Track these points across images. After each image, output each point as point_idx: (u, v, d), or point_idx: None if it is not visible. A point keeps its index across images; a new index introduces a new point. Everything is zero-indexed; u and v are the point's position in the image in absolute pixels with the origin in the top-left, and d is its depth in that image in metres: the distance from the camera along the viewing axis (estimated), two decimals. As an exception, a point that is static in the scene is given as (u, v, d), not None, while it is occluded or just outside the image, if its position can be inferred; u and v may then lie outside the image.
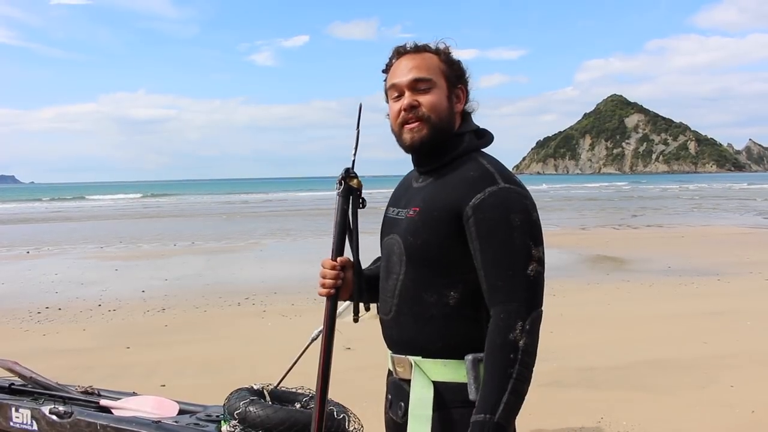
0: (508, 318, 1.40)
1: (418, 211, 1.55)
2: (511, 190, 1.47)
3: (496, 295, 1.44)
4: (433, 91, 1.58)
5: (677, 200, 38.75)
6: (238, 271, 11.52)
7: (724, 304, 7.79)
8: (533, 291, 1.43)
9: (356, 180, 1.67)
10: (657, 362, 5.40)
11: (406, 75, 1.59)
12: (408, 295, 1.55)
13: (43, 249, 15.68)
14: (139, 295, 9.09)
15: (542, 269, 1.46)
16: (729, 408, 4.35)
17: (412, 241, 1.54)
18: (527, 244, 1.44)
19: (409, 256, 1.55)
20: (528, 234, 1.44)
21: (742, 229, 18.90)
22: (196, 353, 5.96)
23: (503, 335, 1.40)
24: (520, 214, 1.45)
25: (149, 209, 37.06)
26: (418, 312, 1.54)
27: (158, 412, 2.55)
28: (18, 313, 7.96)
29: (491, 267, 1.44)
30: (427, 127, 1.57)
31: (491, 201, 1.46)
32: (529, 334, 1.40)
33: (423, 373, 1.53)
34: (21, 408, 2.58)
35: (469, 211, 1.46)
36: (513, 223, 1.44)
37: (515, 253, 1.43)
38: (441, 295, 1.51)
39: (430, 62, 1.60)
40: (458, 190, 1.50)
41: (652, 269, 10.81)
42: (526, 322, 1.40)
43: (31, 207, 43.28)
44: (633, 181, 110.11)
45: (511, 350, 1.39)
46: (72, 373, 4.78)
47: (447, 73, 1.61)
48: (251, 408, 2.24)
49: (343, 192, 1.66)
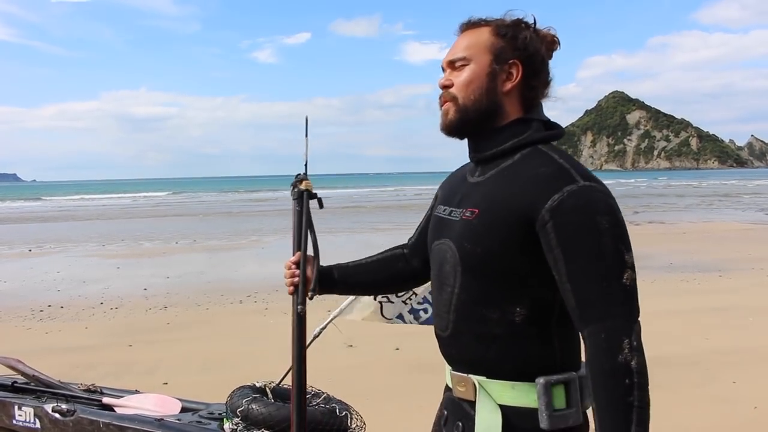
0: (612, 338, 1.22)
1: (477, 214, 1.36)
2: (593, 188, 1.28)
3: (590, 312, 1.24)
4: (466, 68, 1.41)
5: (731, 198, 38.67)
6: (240, 268, 11.53)
7: (726, 300, 7.79)
8: (632, 302, 1.25)
9: (306, 182, 1.72)
10: (659, 358, 5.39)
11: (446, 56, 1.46)
12: (466, 311, 1.38)
13: (45, 247, 15.70)
14: (141, 293, 9.11)
15: (635, 276, 1.27)
16: (731, 404, 4.36)
17: (470, 249, 1.35)
18: (619, 250, 1.24)
19: (465, 266, 1.36)
20: (619, 238, 1.25)
21: (745, 225, 18.88)
22: (198, 351, 5.97)
23: (611, 359, 1.21)
24: (608, 215, 1.26)
25: (150, 207, 37.08)
26: (480, 331, 1.36)
27: (160, 410, 2.55)
28: (20, 311, 7.98)
29: (580, 279, 1.24)
30: (454, 108, 1.41)
31: (573, 202, 1.25)
32: (638, 351, 1.23)
33: (488, 395, 1.36)
34: (24, 406, 2.58)
35: (546, 215, 1.26)
36: (601, 226, 1.24)
37: (607, 261, 1.23)
38: (505, 312, 1.33)
39: (477, 38, 1.42)
40: (528, 189, 1.30)
41: (654, 265, 10.80)
42: (632, 338, 1.22)
43: (32, 205, 43.34)
44: (652, 177, 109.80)
45: (626, 374, 1.21)
46: (74, 371, 4.79)
47: (496, 47, 1.40)
48: (254, 406, 2.25)
49: (296, 195, 1.71)
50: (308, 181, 1.73)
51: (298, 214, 1.71)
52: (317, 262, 1.70)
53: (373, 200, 37.73)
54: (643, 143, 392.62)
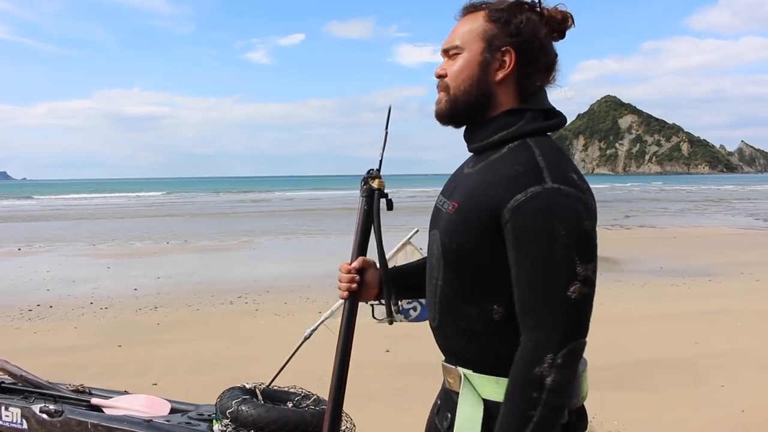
0: (537, 349, 1.18)
1: (457, 208, 1.33)
2: (560, 191, 1.21)
3: (527, 319, 1.21)
4: (459, 57, 1.37)
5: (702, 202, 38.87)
6: (230, 269, 11.50)
7: (716, 304, 7.82)
8: (573, 317, 1.18)
9: (378, 180, 1.54)
10: (649, 362, 5.42)
11: (444, 43, 1.42)
12: (449, 304, 1.36)
13: (34, 246, 15.60)
14: (132, 293, 9.06)
15: (589, 291, 1.20)
16: (719, 407, 4.38)
17: (448, 244, 1.33)
18: (571, 260, 1.18)
19: (446, 260, 1.35)
20: (573, 247, 1.19)
21: (734, 229, 19.00)
22: (188, 352, 5.94)
23: (528, 368, 1.18)
24: (567, 221, 1.19)
25: (143, 207, 36.94)
26: (462, 325, 1.35)
27: (150, 411, 2.54)
28: (9, 310, 7.92)
29: (524, 284, 1.22)
30: (446, 98, 1.39)
31: (533, 204, 1.20)
32: (561, 370, 1.16)
33: (473, 388, 1.33)
34: (11, 407, 2.57)
35: (507, 215, 1.23)
36: (556, 232, 1.18)
37: (554, 270, 1.18)
38: (483, 309, 1.31)
39: (471, 24, 1.37)
40: (500, 186, 1.26)
41: (644, 269, 10.85)
42: (558, 355, 1.16)
43: (22, 203, 43.07)
44: (647, 182, 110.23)
45: (535, 388, 1.16)
46: (63, 372, 4.76)
47: (488, 33, 1.35)
48: (243, 407, 2.24)
49: (366, 192, 1.54)
50: (381, 179, 1.56)
51: (365, 213, 1.54)
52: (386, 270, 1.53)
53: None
54: (635, 147, 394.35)
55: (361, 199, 1.54)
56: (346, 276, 1.53)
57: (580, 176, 1.27)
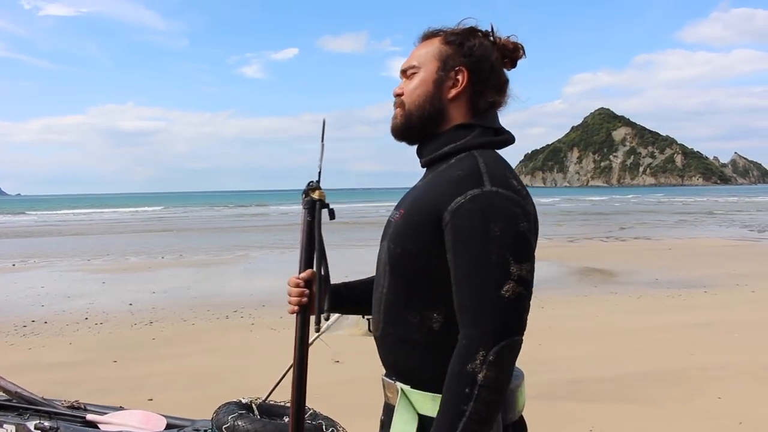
0: (470, 345, 1.21)
1: (402, 214, 1.38)
2: (497, 194, 1.26)
3: (463, 317, 1.25)
4: (415, 76, 1.44)
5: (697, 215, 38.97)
6: (226, 283, 11.47)
7: (711, 316, 7.84)
8: (506, 316, 1.22)
9: (319, 191, 1.57)
10: (645, 374, 5.42)
11: (402, 65, 1.49)
12: (393, 312, 1.39)
13: (29, 262, 15.55)
14: (127, 308, 9.03)
15: (525, 291, 1.24)
16: (716, 419, 4.37)
17: (393, 249, 1.37)
18: (506, 260, 1.22)
19: (391, 266, 1.38)
20: (508, 247, 1.23)
21: (729, 241, 19.06)
22: (184, 367, 5.92)
23: (461, 364, 1.21)
24: (503, 222, 1.24)
25: (137, 222, 36.87)
26: (403, 335, 1.37)
27: (145, 427, 2.53)
28: (3, 326, 7.88)
29: (461, 284, 1.26)
30: (401, 113, 1.45)
31: (471, 206, 1.26)
32: (493, 366, 1.20)
33: (410, 404, 1.35)
34: (5, 423, 2.55)
35: (447, 217, 1.28)
36: (491, 233, 1.23)
37: (488, 269, 1.22)
38: (424, 318, 1.33)
39: (428, 47, 1.45)
40: (442, 191, 1.31)
41: (640, 281, 10.87)
42: (489, 352, 1.20)
43: (17, 219, 42.96)
44: (646, 193, 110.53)
45: (467, 383, 1.20)
46: (58, 388, 4.73)
47: (443, 54, 1.42)
48: (239, 422, 2.23)
49: (307, 204, 1.57)
50: (321, 190, 1.59)
51: (308, 224, 1.57)
52: (327, 279, 1.55)
53: (363, 215, 37.74)
54: (629, 159, 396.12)
55: (304, 211, 1.57)
56: (294, 290, 1.54)
57: (520, 183, 1.33)
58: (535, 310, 1.41)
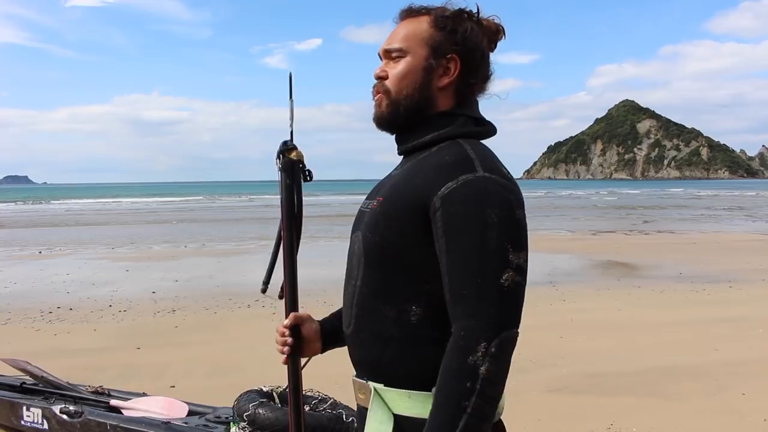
0: (470, 336, 1.14)
1: (381, 201, 1.31)
2: (491, 179, 1.21)
3: (459, 308, 1.17)
4: (402, 61, 1.35)
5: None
6: (248, 272, 11.54)
7: (736, 311, 7.73)
8: (506, 305, 1.16)
9: (296, 151, 1.46)
10: (667, 369, 5.36)
11: (383, 43, 1.39)
12: (367, 306, 1.31)
13: (55, 249, 15.79)
14: (150, 296, 9.14)
15: (522, 280, 1.18)
16: (740, 415, 4.32)
17: (370, 239, 1.29)
18: (504, 247, 1.16)
19: (367, 257, 1.30)
20: (506, 235, 1.17)
21: (755, 235, 18.76)
22: (206, 354, 5.98)
23: (461, 358, 1.13)
24: (499, 209, 1.18)
25: (159, 211, 37.25)
26: (377, 330, 1.29)
27: (167, 413, 2.56)
28: (30, 312, 8.02)
29: (456, 272, 1.18)
30: (387, 101, 1.36)
31: (464, 191, 1.19)
32: (495, 359, 1.13)
33: (384, 404, 1.28)
34: (32, 407, 2.60)
35: (437, 203, 1.20)
36: (488, 219, 1.17)
37: (487, 257, 1.16)
38: (401, 311, 1.26)
39: (415, 28, 1.35)
40: (428, 176, 1.25)
41: (664, 275, 10.75)
42: (492, 343, 1.13)
43: (43, 207, 43.63)
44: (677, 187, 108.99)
45: (469, 378, 1.12)
46: (82, 373, 4.81)
47: (434, 39, 1.33)
48: (260, 410, 2.25)
49: (286, 166, 1.45)
50: (298, 150, 1.47)
51: (288, 188, 1.45)
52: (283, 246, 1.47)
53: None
54: (654, 152, 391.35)
55: (282, 174, 1.45)
56: (280, 339, 1.48)
57: (508, 172, 1.28)
58: (556, 302, 1.38)
